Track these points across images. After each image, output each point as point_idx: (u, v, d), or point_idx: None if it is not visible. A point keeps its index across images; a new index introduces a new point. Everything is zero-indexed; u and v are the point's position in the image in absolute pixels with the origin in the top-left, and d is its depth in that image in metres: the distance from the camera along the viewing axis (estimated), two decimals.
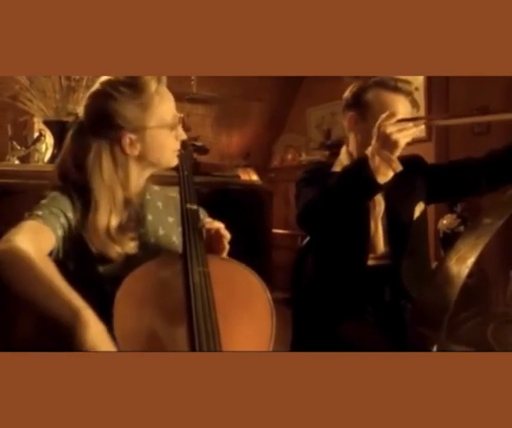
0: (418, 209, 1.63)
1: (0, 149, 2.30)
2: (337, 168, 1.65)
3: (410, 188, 1.62)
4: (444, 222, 2.90)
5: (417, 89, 3.73)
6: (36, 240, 0.99)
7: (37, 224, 1.03)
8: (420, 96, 3.72)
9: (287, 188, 4.34)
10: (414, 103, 3.75)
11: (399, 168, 1.31)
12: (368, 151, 1.35)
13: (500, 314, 2.74)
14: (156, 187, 1.31)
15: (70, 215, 1.10)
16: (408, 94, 1.58)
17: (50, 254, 1.04)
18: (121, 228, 1.13)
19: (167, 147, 1.19)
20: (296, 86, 4.99)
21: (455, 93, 3.46)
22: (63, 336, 0.89)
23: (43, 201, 1.09)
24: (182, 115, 1.24)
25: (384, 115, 1.35)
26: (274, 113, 5.10)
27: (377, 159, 1.31)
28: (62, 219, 1.08)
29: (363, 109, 1.59)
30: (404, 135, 1.30)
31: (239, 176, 3.06)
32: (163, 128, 1.17)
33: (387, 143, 1.29)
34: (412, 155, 1.67)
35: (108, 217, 1.11)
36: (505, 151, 1.55)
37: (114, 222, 1.12)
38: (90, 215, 1.10)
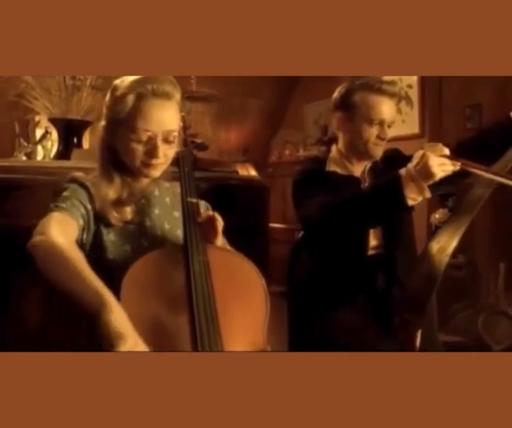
0: None
1: (7, 145, 2.37)
2: (331, 167, 1.71)
3: None
4: (437, 216, 2.97)
5: (410, 87, 3.80)
6: (65, 232, 1.08)
7: (64, 216, 1.12)
8: (414, 94, 3.79)
9: (285, 183, 4.35)
10: (408, 101, 3.83)
11: (428, 195, 1.35)
12: (403, 171, 1.37)
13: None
14: (167, 184, 1.35)
15: (88, 206, 1.18)
16: (393, 95, 1.63)
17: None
18: (120, 202, 1.22)
19: (131, 153, 1.19)
20: (294, 83, 5.02)
21: (448, 90, 3.53)
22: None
23: (65, 194, 1.17)
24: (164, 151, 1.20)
25: (431, 145, 1.39)
26: (272, 110, 5.14)
27: (411, 184, 1.34)
28: (83, 210, 1.16)
29: (350, 110, 1.64)
30: (442, 170, 1.33)
31: (237, 172, 3.08)
32: (127, 132, 1.18)
33: (425, 172, 1.32)
34: (390, 149, 1.73)
35: (106, 189, 1.21)
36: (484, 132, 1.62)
37: (112, 195, 1.21)
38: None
